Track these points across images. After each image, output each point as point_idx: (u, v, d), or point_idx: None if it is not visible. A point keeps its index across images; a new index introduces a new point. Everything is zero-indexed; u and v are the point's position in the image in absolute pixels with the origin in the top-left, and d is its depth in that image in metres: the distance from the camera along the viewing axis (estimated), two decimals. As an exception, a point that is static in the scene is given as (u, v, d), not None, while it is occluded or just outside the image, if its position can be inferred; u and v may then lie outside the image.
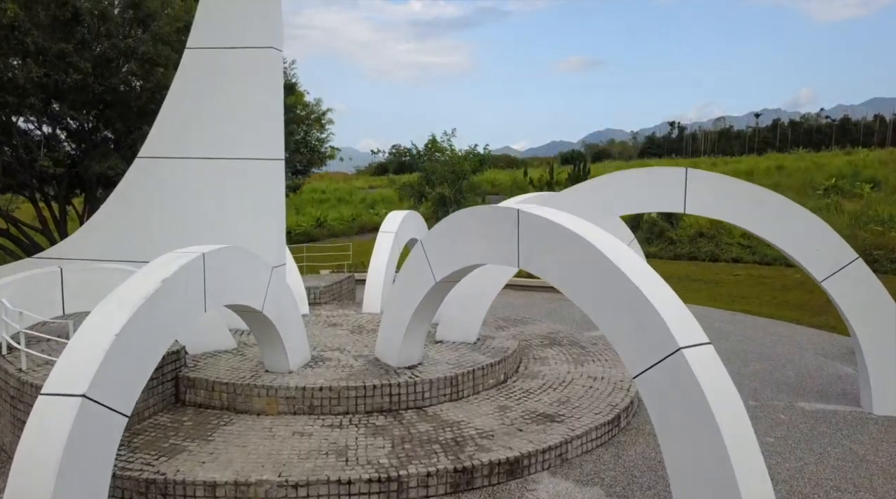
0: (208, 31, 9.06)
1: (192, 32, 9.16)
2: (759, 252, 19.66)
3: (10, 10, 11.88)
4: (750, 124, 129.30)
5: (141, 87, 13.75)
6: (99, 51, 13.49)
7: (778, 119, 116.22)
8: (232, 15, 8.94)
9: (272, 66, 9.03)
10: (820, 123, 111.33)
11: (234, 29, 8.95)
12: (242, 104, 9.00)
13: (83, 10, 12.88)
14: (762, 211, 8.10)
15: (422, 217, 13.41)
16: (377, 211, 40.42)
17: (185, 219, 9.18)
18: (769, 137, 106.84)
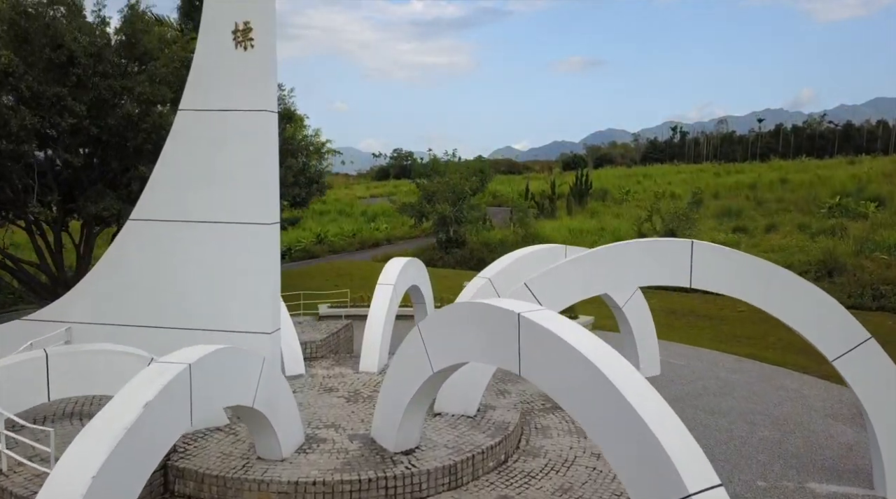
0: (201, 92, 8.82)
1: (185, 94, 8.93)
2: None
3: (5, 56, 11.66)
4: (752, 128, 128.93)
5: (137, 126, 13.49)
6: (94, 92, 13.24)
7: (781, 124, 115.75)
8: (225, 77, 8.70)
9: (266, 129, 8.78)
10: (823, 129, 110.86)
11: (228, 91, 8.71)
12: (236, 167, 8.75)
13: (79, 52, 12.64)
14: (770, 288, 7.85)
15: (422, 263, 13.16)
16: (378, 225, 40.18)
17: (177, 283, 8.95)
18: (772, 143, 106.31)
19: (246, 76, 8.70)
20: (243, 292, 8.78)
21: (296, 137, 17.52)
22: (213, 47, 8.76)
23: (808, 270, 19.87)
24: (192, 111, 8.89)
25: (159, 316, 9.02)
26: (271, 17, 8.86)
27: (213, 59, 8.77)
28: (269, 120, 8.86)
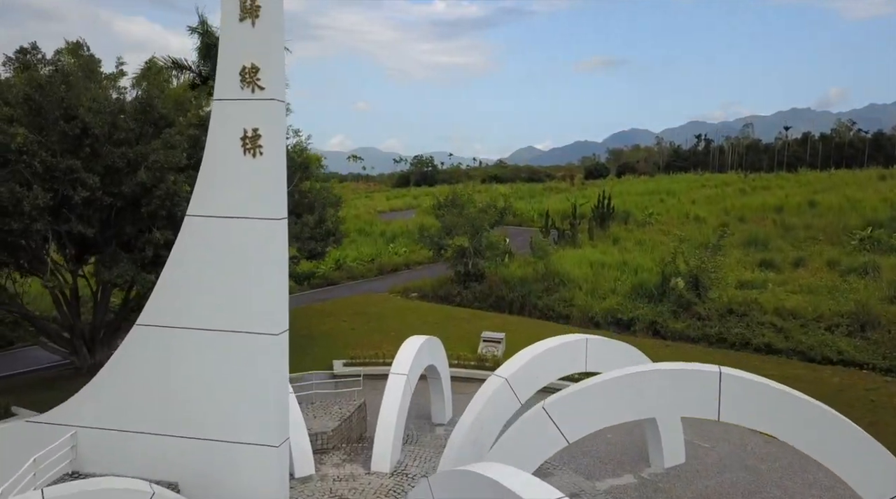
0: (209, 199, 8.59)
1: (193, 200, 8.70)
2: (794, 338, 18.72)
3: (20, 135, 11.54)
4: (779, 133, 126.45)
5: (151, 193, 13.32)
6: (108, 160, 13.11)
7: (808, 132, 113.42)
8: (233, 184, 8.45)
9: (275, 237, 8.51)
10: (852, 137, 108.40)
11: (236, 198, 8.46)
12: (244, 276, 8.50)
13: (93, 123, 12.51)
14: (805, 425, 7.37)
15: (438, 342, 12.78)
16: (397, 249, 39.87)
17: (182, 391, 8.74)
18: (799, 151, 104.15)
19: (254, 183, 8.44)
20: (249, 403, 8.55)
21: (314, 188, 17.26)
22: (220, 153, 8.52)
23: (838, 324, 19.16)
24: (199, 217, 8.65)
25: (165, 423, 8.82)
26: (280, 124, 8.60)
27: (220, 165, 8.53)
28: (278, 228, 8.59)
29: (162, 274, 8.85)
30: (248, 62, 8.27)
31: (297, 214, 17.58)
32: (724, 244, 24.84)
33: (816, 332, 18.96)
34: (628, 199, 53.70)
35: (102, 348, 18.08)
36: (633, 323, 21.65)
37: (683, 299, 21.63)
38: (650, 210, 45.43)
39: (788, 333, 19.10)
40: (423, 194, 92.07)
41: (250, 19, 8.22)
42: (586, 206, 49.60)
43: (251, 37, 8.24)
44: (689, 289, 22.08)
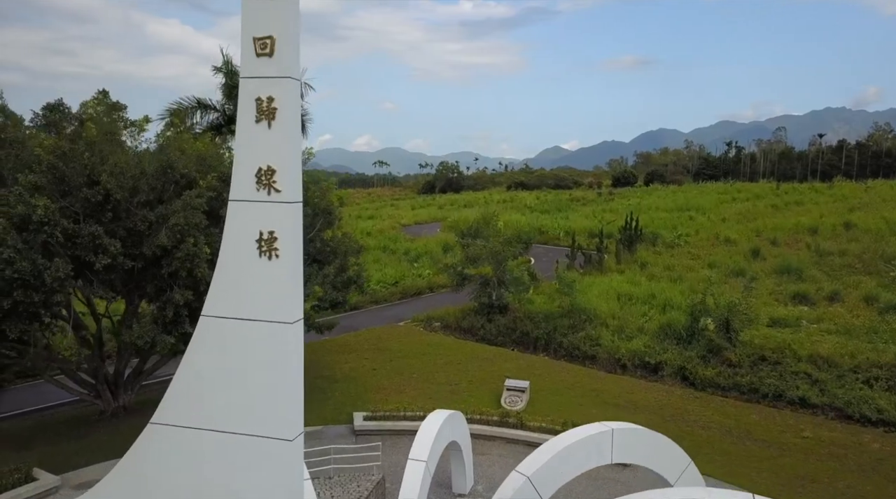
0: (223, 300, 8.38)
1: (208, 300, 8.50)
2: (830, 391, 18.02)
3: (41, 207, 11.52)
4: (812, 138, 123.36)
5: (171, 254, 13.24)
6: (129, 223, 13.07)
7: (843, 140, 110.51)
8: (248, 286, 8.23)
9: (289, 341, 8.27)
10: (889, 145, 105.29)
11: (251, 301, 8.24)
12: (259, 379, 8.28)
13: (114, 189, 12.46)
14: None
15: (461, 416, 12.43)
16: (420, 270, 39.60)
17: (194, 493, 8.55)
18: (833, 160, 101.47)
19: (269, 286, 8.21)
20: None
21: (336, 237, 17.08)
22: (235, 254, 8.32)
23: (878, 377, 18.41)
24: (213, 318, 8.46)
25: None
26: (297, 226, 8.36)
27: (235, 266, 8.32)
28: (292, 332, 8.35)
29: (177, 372, 8.68)
30: (265, 164, 8.05)
31: (320, 264, 17.41)
32: (755, 286, 24.07)
33: (854, 385, 18.23)
34: (656, 216, 52.77)
35: (125, 392, 18.15)
36: (661, 367, 21.10)
37: (713, 343, 20.99)
38: (679, 231, 44.54)
39: (824, 385, 18.39)
40: (449, 204, 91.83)
41: (266, 121, 8.00)
42: (613, 224, 48.89)
43: (267, 138, 8.02)
44: (719, 331, 21.43)
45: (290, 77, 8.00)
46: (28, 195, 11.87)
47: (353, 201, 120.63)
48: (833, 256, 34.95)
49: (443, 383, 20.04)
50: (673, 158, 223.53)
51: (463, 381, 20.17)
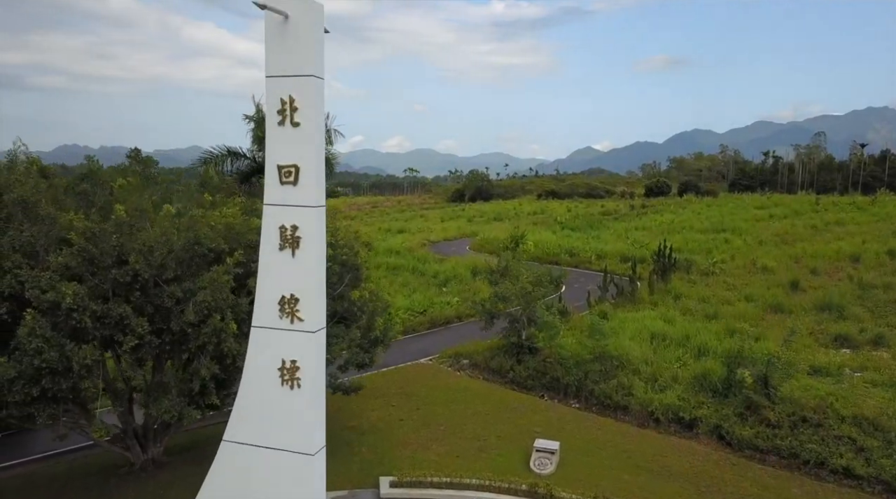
0: (245, 426, 8.24)
1: (229, 425, 8.39)
2: (876, 461, 17.22)
3: (69, 295, 11.54)
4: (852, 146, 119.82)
5: (199, 329, 13.17)
6: (157, 300, 13.05)
7: (887, 151, 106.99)
8: (269, 415, 8.06)
9: (310, 473, 8.07)
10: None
11: (272, 429, 8.07)
12: (282, 509, 8.10)
13: (143, 269, 12.46)
14: None
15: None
16: (449, 298, 39.19)
17: None
18: (877, 171, 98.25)
19: (291, 416, 8.03)
20: None
21: (363, 297, 16.91)
22: (257, 381, 8.18)
23: (928, 444, 17.52)
24: (233, 443, 8.30)
25: None
26: (320, 355, 8.16)
27: (257, 393, 8.18)
28: (313, 463, 8.14)
29: (198, 496, 8.56)
30: (288, 292, 7.88)
31: (346, 322, 17.26)
32: (794, 339, 23.21)
33: (902, 454, 17.37)
34: (690, 237, 51.65)
35: (154, 445, 18.25)
36: (696, 423, 20.45)
37: (751, 399, 20.27)
38: (714, 256, 43.47)
39: (870, 453, 17.58)
40: (478, 215, 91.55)
41: (290, 249, 7.83)
42: (646, 246, 47.97)
43: (291, 267, 7.84)
44: (757, 384, 20.68)
45: (314, 206, 7.80)
46: (58, 279, 11.91)
47: (384, 210, 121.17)
48: (877, 290, 33.71)
49: (470, 437, 19.71)
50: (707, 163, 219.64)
51: (491, 436, 19.82)
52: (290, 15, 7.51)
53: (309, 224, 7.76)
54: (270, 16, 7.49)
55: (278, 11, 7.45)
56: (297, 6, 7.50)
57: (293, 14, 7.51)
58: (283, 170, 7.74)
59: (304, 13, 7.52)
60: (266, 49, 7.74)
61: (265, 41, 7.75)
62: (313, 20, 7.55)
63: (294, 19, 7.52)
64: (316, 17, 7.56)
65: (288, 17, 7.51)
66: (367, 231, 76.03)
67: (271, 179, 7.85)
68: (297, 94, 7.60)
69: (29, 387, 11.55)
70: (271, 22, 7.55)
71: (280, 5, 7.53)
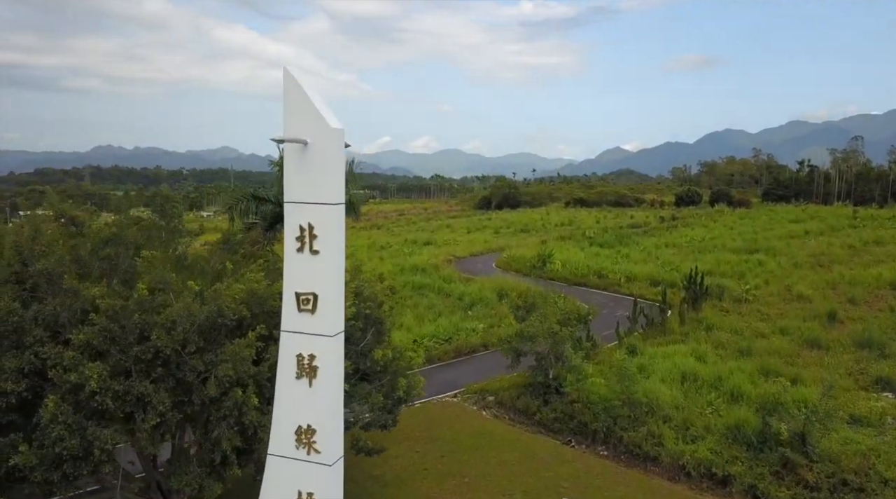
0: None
1: None
2: (920, 534, 16.42)
3: (93, 378, 11.46)
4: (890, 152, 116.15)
5: (220, 403, 13.03)
6: (179, 375, 12.93)
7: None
8: None
9: None
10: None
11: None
12: None
13: (166, 346, 12.35)
14: None
15: None
16: (474, 324, 38.68)
17: None
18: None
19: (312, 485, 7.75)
20: None
21: (386, 356, 16.65)
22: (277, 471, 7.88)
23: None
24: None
25: None
26: (337, 488, 7.87)
27: (277, 471, 7.90)
28: None
29: None
30: (305, 423, 7.61)
31: (368, 380, 17.02)
32: (833, 393, 22.34)
33: (950, 527, 16.55)
34: (722, 258, 50.36)
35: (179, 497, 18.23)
36: (730, 481, 19.78)
37: (788, 457, 19.52)
38: (747, 280, 42.36)
39: (915, 524, 16.78)
40: (505, 226, 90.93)
41: (308, 379, 7.55)
42: (677, 268, 46.99)
43: (308, 397, 7.58)
44: (795, 441, 19.91)
45: (332, 335, 7.53)
46: (81, 358, 11.86)
47: (410, 218, 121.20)
48: (917, 324, 32.48)
49: (496, 491, 19.33)
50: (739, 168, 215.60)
51: (517, 491, 19.41)
52: (309, 141, 7.23)
53: (327, 354, 7.49)
54: (289, 143, 7.23)
55: (297, 141, 7.18)
56: (317, 133, 7.22)
57: (312, 141, 7.23)
58: (302, 298, 7.47)
59: (323, 139, 7.23)
60: (285, 175, 7.48)
61: (284, 166, 7.49)
62: (333, 146, 7.27)
63: (313, 146, 7.24)
64: (336, 142, 7.27)
65: (307, 143, 7.24)
66: (394, 242, 76.07)
67: (289, 306, 7.60)
68: (317, 221, 7.32)
69: (49, 472, 11.50)
70: (290, 148, 7.29)
71: (298, 133, 7.26)
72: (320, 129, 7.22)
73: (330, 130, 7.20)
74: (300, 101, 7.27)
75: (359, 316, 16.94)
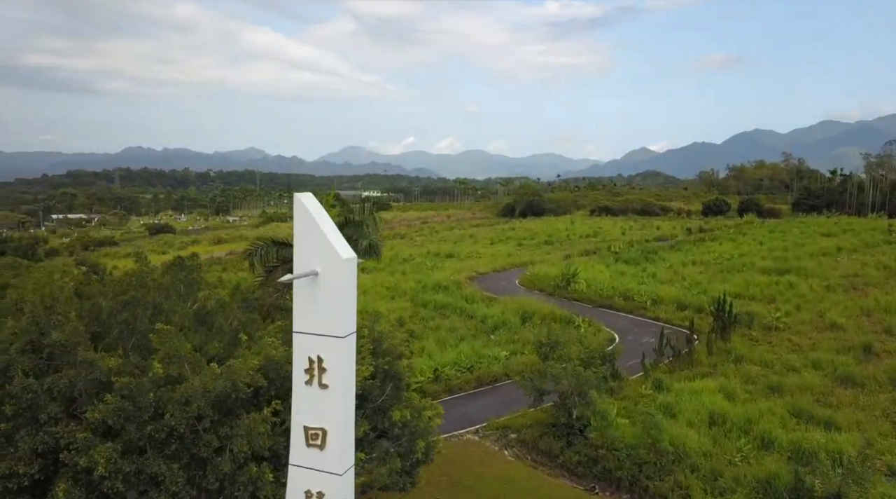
0: None
1: None
2: None
3: (101, 464, 11.30)
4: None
5: (235, 478, 12.79)
6: (193, 451, 12.73)
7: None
8: None
9: None
10: None
11: None
12: None
13: (180, 424, 12.15)
14: None
15: None
16: (497, 351, 38.14)
17: None
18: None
19: None
20: None
21: (404, 417, 16.29)
22: None
23: None
24: None
25: None
26: None
27: None
28: None
29: None
30: (315, 563, 7.24)
31: (386, 437, 16.69)
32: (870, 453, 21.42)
33: None
34: (751, 279, 49.09)
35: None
36: (760, 541, 19.07)
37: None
38: (777, 305, 41.22)
39: None
40: (528, 237, 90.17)
41: (318, 519, 7.18)
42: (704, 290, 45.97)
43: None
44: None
45: (340, 474, 7.17)
46: (93, 439, 11.71)
47: (433, 226, 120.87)
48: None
49: (517, 547, 18.90)
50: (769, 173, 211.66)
51: (538, 545, 18.95)
52: (319, 272, 6.90)
53: (333, 491, 7.14)
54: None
55: (308, 274, 6.85)
56: (327, 263, 6.89)
57: (323, 272, 6.89)
58: (310, 432, 7.14)
59: (334, 270, 6.89)
60: (294, 304, 7.16)
61: (294, 296, 7.17)
62: (344, 277, 6.92)
63: (324, 276, 6.91)
64: (347, 273, 6.93)
65: (317, 274, 6.90)
66: (417, 254, 75.75)
67: (297, 440, 7.27)
68: (326, 354, 6.98)
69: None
70: (300, 280, 6.96)
71: (309, 262, 6.93)
72: (331, 259, 6.89)
73: (341, 261, 6.87)
74: (311, 231, 6.96)
75: (377, 373, 16.63)
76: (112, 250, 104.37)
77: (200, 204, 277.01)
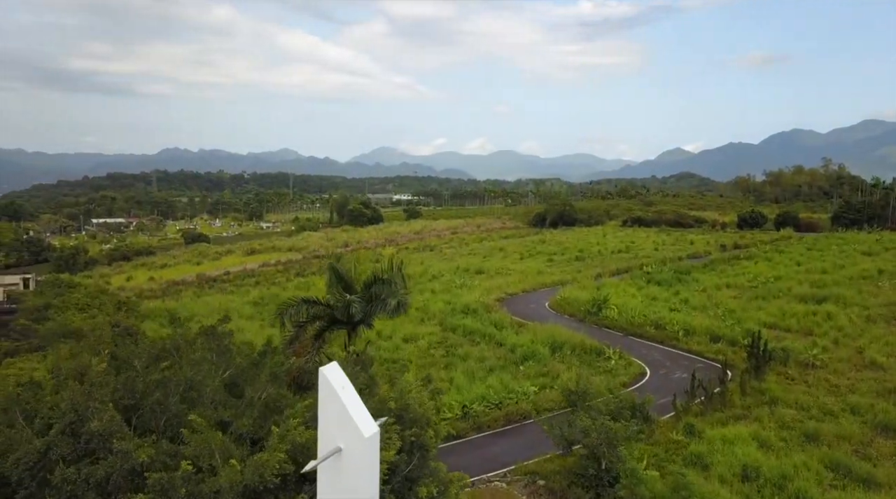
0: None
1: None
2: None
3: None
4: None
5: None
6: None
7: None
8: None
9: None
10: None
11: None
12: None
13: None
14: None
15: None
16: (525, 386, 37.77)
17: None
18: None
19: None
20: None
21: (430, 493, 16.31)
22: None
23: None
24: None
25: None
26: None
27: None
28: None
29: None
30: None
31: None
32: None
33: None
34: (787, 308, 47.93)
35: None
36: None
37: None
38: (815, 345, 40.15)
39: None
40: (559, 252, 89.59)
41: None
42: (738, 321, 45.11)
43: None
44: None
45: None
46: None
47: (462, 238, 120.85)
48: None
49: None
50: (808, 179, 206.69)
51: None
52: (343, 448, 6.98)
53: None
54: None
55: (332, 453, 6.94)
56: (351, 439, 6.97)
57: (346, 447, 6.98)
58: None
59: (357, 446, 6.97)
60: (318, 476, 7.27)
61: (318, 471, 7.28)
62: (367, 453, 6.99)
63: (347, 452, 6.99)
64: (370, 450, 7.00)
65: (341, 450, 6.99)
66: (445, 270, 75.82)
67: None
68: (350, 520, 7.06)
69: None
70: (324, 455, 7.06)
71: (333, 437, 7.02)
72: (354, 436, 6.97)
73: (363, 439, 6.94)
74: (335, 405, 7.05)
75: (404, 447, 16.69)
76: (149, 260, 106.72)
77: (234, 208, 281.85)
